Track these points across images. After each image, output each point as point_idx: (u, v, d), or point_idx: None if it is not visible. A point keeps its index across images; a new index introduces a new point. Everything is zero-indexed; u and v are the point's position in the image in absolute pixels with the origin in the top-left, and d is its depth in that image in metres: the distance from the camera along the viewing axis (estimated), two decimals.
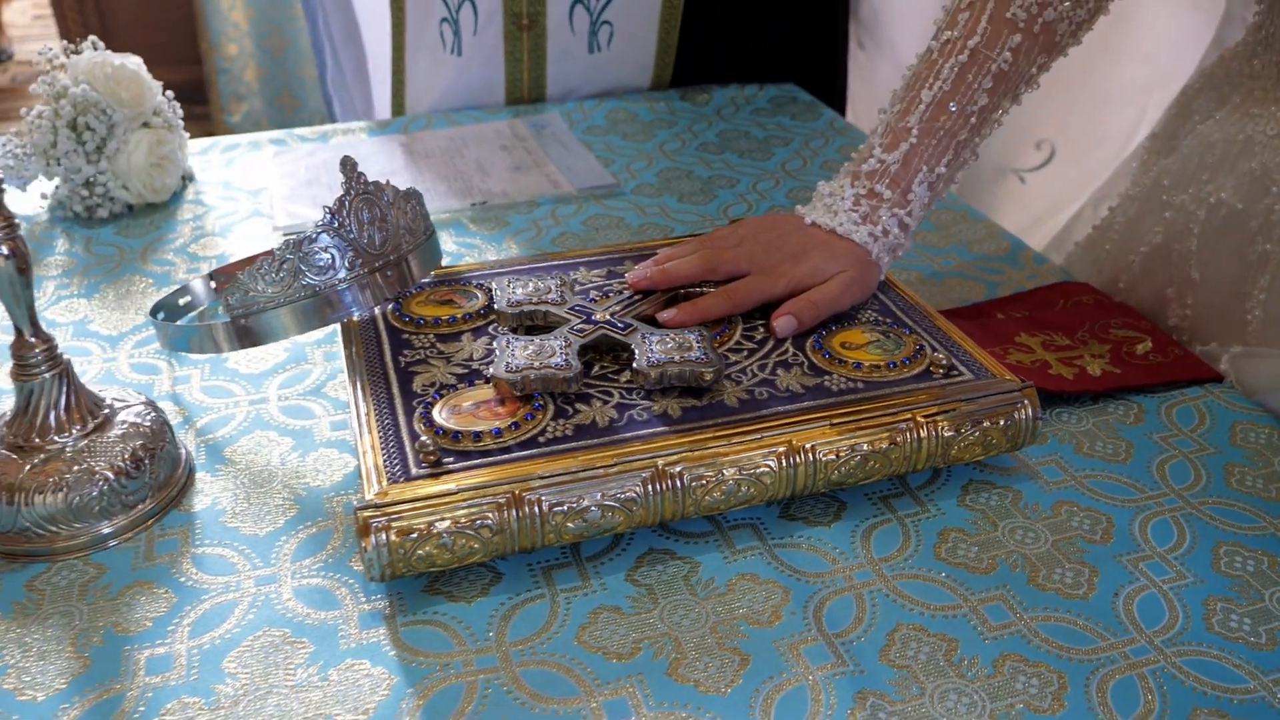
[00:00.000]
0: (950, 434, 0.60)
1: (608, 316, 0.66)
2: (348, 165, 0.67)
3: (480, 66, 1.16)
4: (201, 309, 0.81)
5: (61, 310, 0.82)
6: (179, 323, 0.78)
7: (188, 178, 1.03)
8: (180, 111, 1.00)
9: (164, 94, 0.98)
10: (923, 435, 0.60)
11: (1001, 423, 0.61)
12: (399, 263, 0.69)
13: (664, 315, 0.66)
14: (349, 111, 1.48)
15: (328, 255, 0.66)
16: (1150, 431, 0.68)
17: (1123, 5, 0.73)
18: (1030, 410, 0.62)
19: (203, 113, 3.10)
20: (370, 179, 0.68)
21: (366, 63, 1.45)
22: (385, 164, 1.06)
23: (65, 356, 0.59)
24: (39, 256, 0.90)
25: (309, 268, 0.65)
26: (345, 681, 0.51)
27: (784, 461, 0.57)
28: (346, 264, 0.66)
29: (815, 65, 1.30)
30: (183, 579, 0.57)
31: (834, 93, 1.34)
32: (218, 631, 0.53)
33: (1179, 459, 0.66)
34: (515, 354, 0.61)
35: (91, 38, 0.96)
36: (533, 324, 0.67)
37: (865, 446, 0.58)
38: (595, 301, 0.69)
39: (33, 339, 0.58)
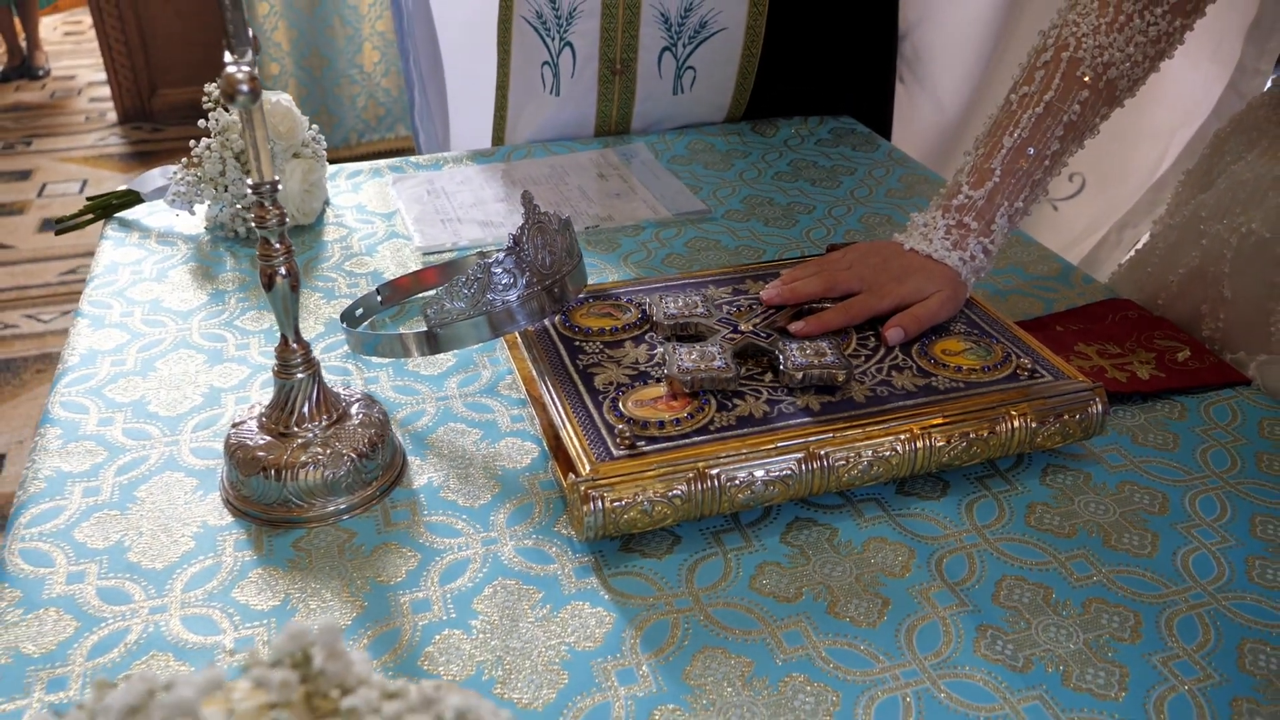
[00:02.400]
0: (1035, 425, 0.74)
1: (751, 328, 0.79)
2: (527, 199, 0.80)
3: (575, 105, 1.30)
4: (373, 319, 0.94)
5: (250, 320, 0.95)
6: (363, 329, 0.91)
7: (327, 202, 1.16)
8: (324, 143, 1.13)
9: (310, 128, 1.11)
10: (1015, 426, 0.73)
11: (1078, 416, 0.75)
12: (561, 282, 0.82)
13: (794, 326, 0.79)
14: (432, 141, 1.61)
15: (509, 276, 0.79)
16: (1192, 425, 0.82)
17: None
18: (1101, 406, 0.75)
19: None
20: (542, 209, 0.81)
21: (446, 97, 1.58)
22: (501, 189, 1.19)
23: (317, 359, 0.72)
24: (212, 272, 1.03)
25: (494, 286, 0.79)
26: (575, 618, 0.64)
27: (907, 446, 0.70)
28: (524, 283, 0.79)
29: (865, 99, 1.44)
30: (421, 540, 0.70)
31: (883, 125, 1.47)
32: (461, 581, 0.66)
33: (1218, 448, 0.79)
34: (683, 358, 0.74)
35: None
36: (684, 333, 0.80)
37: (971, 434, 0.72)
38: (734, 314, 0.82)
39: (295, 344, 0.71)
